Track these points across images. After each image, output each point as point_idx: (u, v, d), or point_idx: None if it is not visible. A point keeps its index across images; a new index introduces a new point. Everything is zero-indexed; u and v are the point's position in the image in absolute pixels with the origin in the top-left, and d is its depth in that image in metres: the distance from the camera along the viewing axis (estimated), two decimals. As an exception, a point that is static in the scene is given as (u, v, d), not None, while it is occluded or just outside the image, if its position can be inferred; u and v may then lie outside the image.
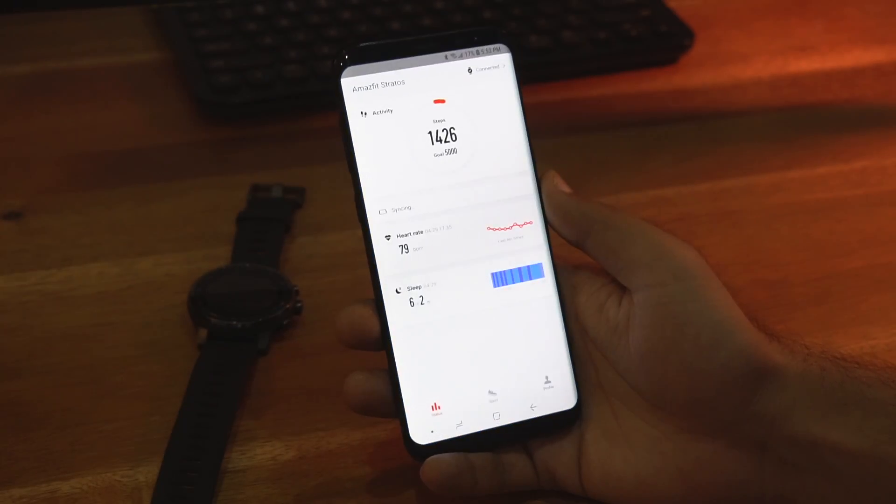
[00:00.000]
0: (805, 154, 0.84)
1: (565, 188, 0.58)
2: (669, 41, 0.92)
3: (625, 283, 0.56)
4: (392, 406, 0.56)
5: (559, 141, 0.83)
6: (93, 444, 0.60)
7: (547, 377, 0.57)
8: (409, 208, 0.56)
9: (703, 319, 0.53)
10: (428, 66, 0.57)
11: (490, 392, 0.57)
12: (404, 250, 0.56)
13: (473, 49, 0.58)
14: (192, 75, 0.84)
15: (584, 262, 0.58)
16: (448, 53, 0.57)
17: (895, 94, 0.91)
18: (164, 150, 0.81)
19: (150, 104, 0.85)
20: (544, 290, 0.58)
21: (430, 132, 0.57)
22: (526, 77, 0.59)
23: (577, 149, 0.83)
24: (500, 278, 0.57)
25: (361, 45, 0.56)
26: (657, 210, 0.77)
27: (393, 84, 0.56)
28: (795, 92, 0.91)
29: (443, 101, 0.57)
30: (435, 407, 0.56)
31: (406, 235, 0.56)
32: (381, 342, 0.56)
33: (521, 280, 0.57)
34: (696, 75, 0.91)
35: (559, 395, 0.57)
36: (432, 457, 0.55)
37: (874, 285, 0.73)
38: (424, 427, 0.56)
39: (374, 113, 0.56)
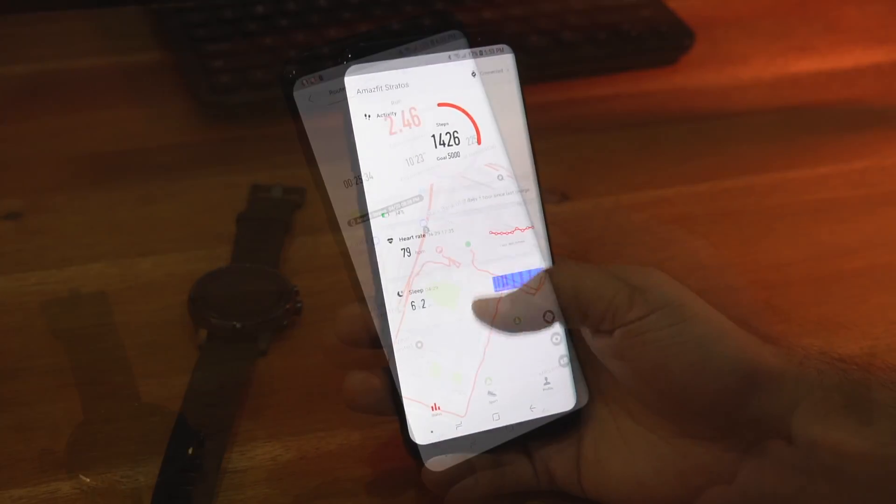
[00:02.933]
0: (805, 154, 0.84)
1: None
2: (669, 41, 0.91)
3: (604, 330, 0.55)
4: (391, 405, 0.56)
5: (559, 141, 0.83)
6: (93, 444, 0.60)
7: (546, 379, 0.57)
8: (412, 212, 0.56)
9: (684, 338, 0.53)
10: (431, 67, 0.57)
11: (490, 393, 0.57)
12: (406, 254, 0.56)
13: (477, 50, 0.57)
14: (192, 75, 0.84)
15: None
16: (451, 54, 0.57)
17: (895, 94, 0.91)
18: (164, 150, 0.81)
19: (150, 104, 0.85)
20: (545, 291, 0.58)
21: (433, 135, 0.57)
22: (526, 77, 0.58)
23: (577, 149, 0.83)
24: (502, 282, 0.57)
25: (363, 45, 0.56)
26: (657, 210, 0.77)
27: (397, 87, 0.56)
28: (795, 92, 0.90)
29: (446, 104, 0.57)
30: (435, 408, 0.56)
31: (408, 239, 0.56)
32: (381, 342, 0.56)
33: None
34: (696, 75, 0.91)
35: (558, 396, 0.57)
36: (432, 458, 0.55)
37: (874, 285, 0.73)
38: (424, 428, 0.56)
39: (377, 115, 0.56)
